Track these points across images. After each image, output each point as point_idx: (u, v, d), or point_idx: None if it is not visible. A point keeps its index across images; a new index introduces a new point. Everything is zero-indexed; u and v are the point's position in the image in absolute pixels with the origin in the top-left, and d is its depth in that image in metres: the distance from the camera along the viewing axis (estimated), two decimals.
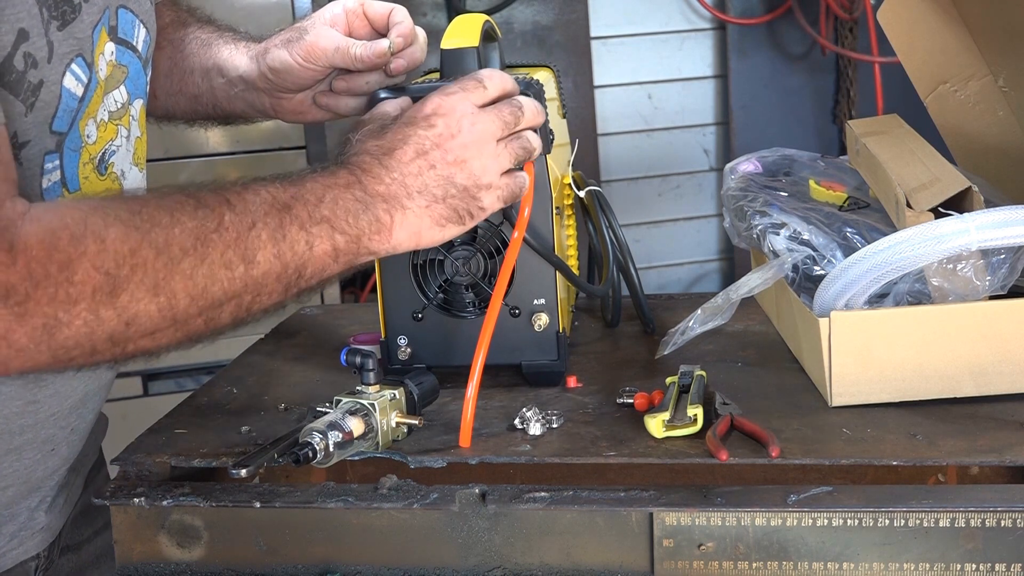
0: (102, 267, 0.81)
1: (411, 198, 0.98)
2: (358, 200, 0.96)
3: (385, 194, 0.97)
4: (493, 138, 1.02)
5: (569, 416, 1.14)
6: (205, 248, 0.86)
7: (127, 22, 1.07)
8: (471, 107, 1.02)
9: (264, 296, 0.91)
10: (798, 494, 0.97)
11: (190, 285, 0.86)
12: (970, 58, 1.50)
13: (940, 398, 1.12)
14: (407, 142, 0.99)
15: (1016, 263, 1.14)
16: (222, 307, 0.89)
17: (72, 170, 1.00)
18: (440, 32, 1.21)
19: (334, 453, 1.00)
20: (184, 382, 2.71)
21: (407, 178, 0.98)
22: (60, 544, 1.18)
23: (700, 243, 3.84)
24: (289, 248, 0.91)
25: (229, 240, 0.88)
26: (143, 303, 0.84)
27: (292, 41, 1.19)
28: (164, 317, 0.85)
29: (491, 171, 1.02)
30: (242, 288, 0.89)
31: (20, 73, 0.89)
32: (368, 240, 0.96)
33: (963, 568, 0.95)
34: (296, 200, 0.92)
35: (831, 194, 1.37)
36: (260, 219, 0.89)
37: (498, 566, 1.00)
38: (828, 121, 3.75)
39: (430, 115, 1.01)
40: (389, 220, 0.97)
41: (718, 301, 1.23)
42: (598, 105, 3.61)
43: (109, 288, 0.82)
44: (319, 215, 0.93)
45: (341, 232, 0.94)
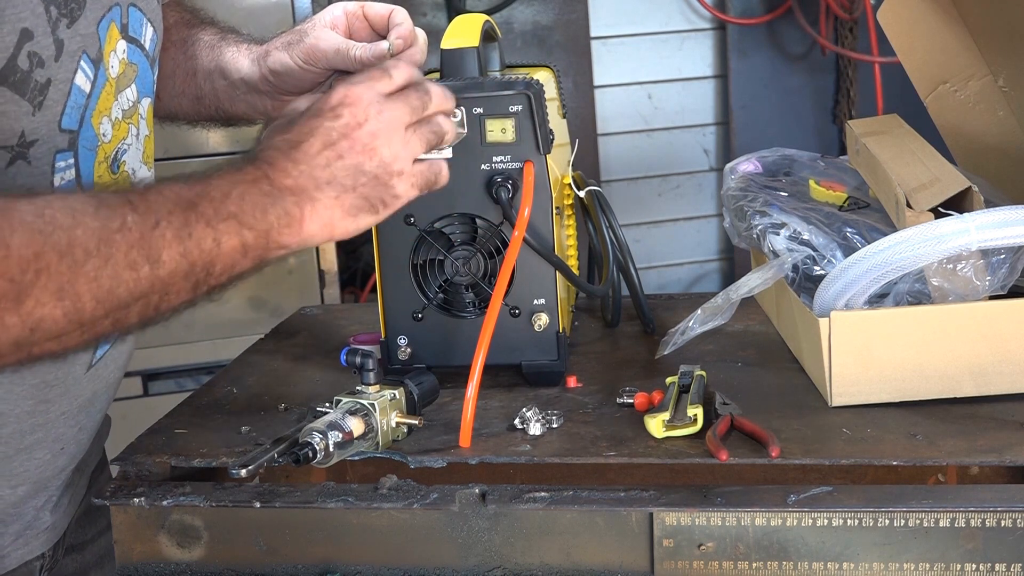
0: (7, 273, 0.80)
1: (320, 190, 0.97)
2: (265, 195, 0.94)
3: (293, 187, 0.96)
4: (401, 125, 1.01)
5: (569, 416, 1.14)
6: (108, 249, 0.84)
7: (136, 21, 1.07)
8: (377, 95, 1.01)
9: (172, 295, 0.90)
10: (798, 494, 0.97)
11: (95, 287, 0.84)
12: (970, 58, 1.50)
13: (940, 398, 1.12)
14: (314, 134, 0.98)
15: (1016, 263, 1.14)
16: (129, 308, 0.87)
17: (88, 169, 1.00)
18: (440, 32, 1.21)
19: (334, 453, 1.00)
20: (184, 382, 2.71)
21: (315, 170, 0.97)
22: (64, 544, 1.18)
23: (700, 243, 3.84)
24: (196, 246, 0.89)
25: (132, 240, 0.86)
26: (48, 307, 0.82)
27: (293, 44, 1.19)
28: (70, 321, 0.84)
29: (402, 158, 1.01)
30: (149, 288, 0.87)
31: (25, 73, 0.89)
32: (278, 234, 0.95)
33: (963, 568, 0.95)
34: (202, 197, 0.91)
35: (831, 194, 1.37)
36: (164, 218, 0.88)
37: (498, 566, 1.00)
38: (828, 121, 3.74)
39: (336, 106, 1.00)
40: (299, 213, 0.96)
41: (718, 301, 1.23)
42: (598, 105, 3.60)
43: (14, 294, 0.80)
44: (226, 211, 0.91)
45: (249, 228, 0.92)
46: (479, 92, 1.17)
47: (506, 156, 1.18)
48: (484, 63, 1.22)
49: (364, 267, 3.30)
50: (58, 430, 1.08)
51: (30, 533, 1.12)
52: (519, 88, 1.16)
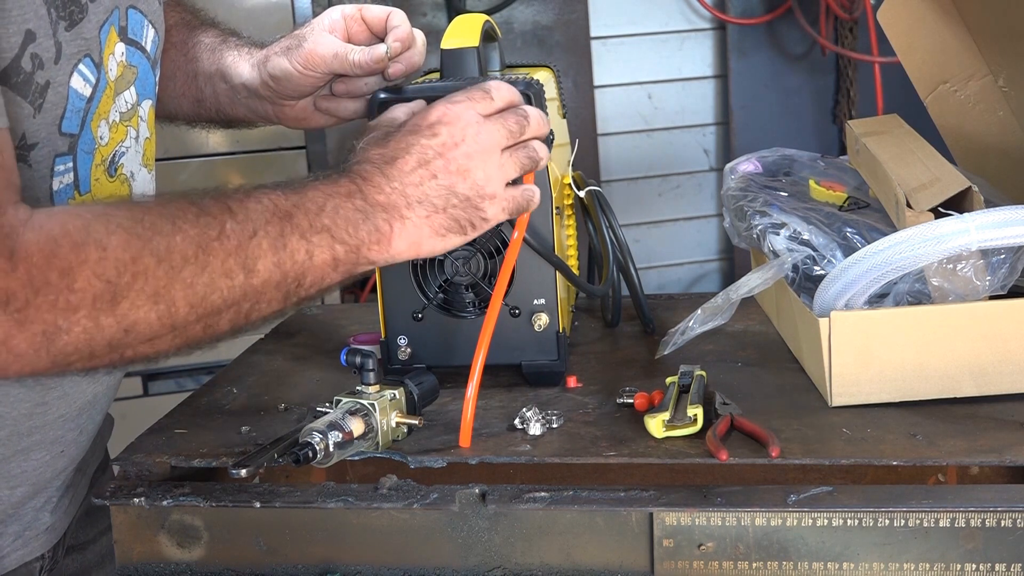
0: (103, 275, 0.81)
1: (411, 208, 0.98)
2: (358, 210, 0.95)
3: (385, 204, 0.97)
4: (498, 148, 1.02)
5: (569, 416, 1.14)
6: (206, 256, 0.86)
7: (136, 23, 1.07)
8: (476, 116, 1.01)
9: (263, 304, 0.91)
10: (798, 494, 0.97)
11: (190, 293, 0.86)
12: (970, 58, 1.50)
13: (940, 398, 1.12)
14: (409, 151, 0.99)
15: (1016, 263, 1.14)
16: (221, 315, 0.89)
17: (85, 172, 1.00)
18: (440, 32, 1.21)
19: (334, 453, 1.00)
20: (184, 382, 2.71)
21: (407, 187, 0.98)
22: (65, 544, 1.18)
23: (700, 243, 3.84)
24: (289, 257, 0.91)
25: (230, 248, 0.87)
26: (143, 311, 0.84)
27: (291, 49, 1.19)
28: (163, 324, 0.85)
29: (495, 181, 1.01)
30: (241, 296, 0.89)
31: (28, 74, 0.89)
32: (367, 250, 0.96)
33: (963, 568, 0.95)
34: (297, 208, 0.92)
35: (831, 194, 1.37)
36: (261, 227, 0.89)
37: (498, 566, 1.00)
38: (828, 121, 3.75)
39: (435, 123, 1.00)
40: (388, 230, 0.97)
41: (718, 301, 1.23)
42: (598, 105, 3.61)
43: (110, 296, 0.82)
44: (320, 224, 0.93)
45: (341, 242, 0.94)
46: None
47: None
48: (484, 63, 1.22)
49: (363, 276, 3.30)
50: (56, 432, 1.08)
51: (29, 534, 1.12)
52: (519, 88, 1.16)
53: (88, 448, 1.17)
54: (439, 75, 1.22)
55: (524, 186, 1.05)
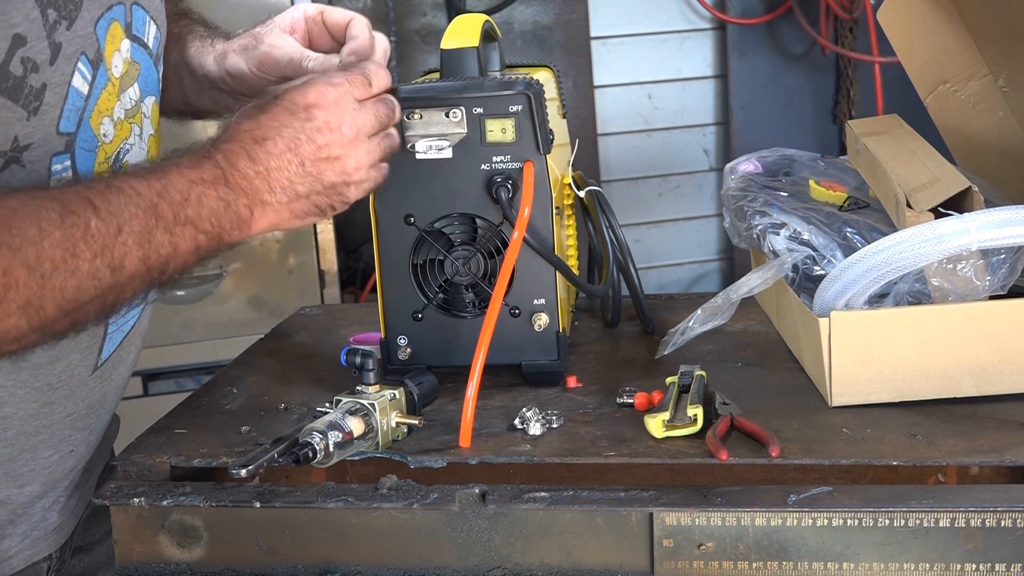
0: None
1: (272, 193, 0.98)
2: (221, 198, 0.95)
3: (247, 188, 0.97)
4: (367, 134, 1.03)
5: (569, 416, 1.14)
6: (75, 260, 0.86)
7: (139, 19, 1.07)
8: (352, 102, 1.02)
9: (128, 294, 0.92)
10: (798, 494, 0.97)
11: (59, 297, 0.86)
12: (970, 58, 1.50)
13: (940, 398, 1.12)
14: (281, 133, 0.98)
15: (1016, 263, 1.14)
16: (87, 309, 0.89)
17: (87, 169, 1.00)
18: (440, 32, 1.21)
19: (334, 453, 1.00)
20: (184, 382, 2.71)
21: (272, 172, 0.98)
22: (72, 545, 1.18)
23: (700, 243, 3.84)
24: (155, 251, 0.91)
25: (96, 249, 0.87)
26: (13, 319, 0.84)
27: (248, 49, 1.18)
28: (32, 327, 0.85)
29: (363, 167, 1.02)
30: (107, 290, 0.89)
31: (18, 79, 0.89)
32: (228, 235, 0.96)
33: (963, 568, 0.95)
34: (161, 198, 0.92)
35: (831, 194, 1.37)
36: (126, 223, 0.89)
37: (498, 566, 1.00)
38: (828, 121, 3.74)
39: (311, 106, 1.00)
40: (249, 215, 0.97)
41: (718, 301, 1.23)
42: (598, 105, 3.60)
43: None
44: (184, 216, 0.93)
45: (203, 232, 0.94)
46: (479, 92, 1.17)
47: (506, 156, 1.18)
48: (484, 63, 1.22)
49: (364, 267, 3.31)
50: (64, 432, 1.08)
51: (37, 534, 1.12)
52: (519, 88, 1.16)
53: (96, 447, 1.17)
54: (439, 75, 1.22)
55: (380, 165, 1.05)
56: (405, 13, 3.33)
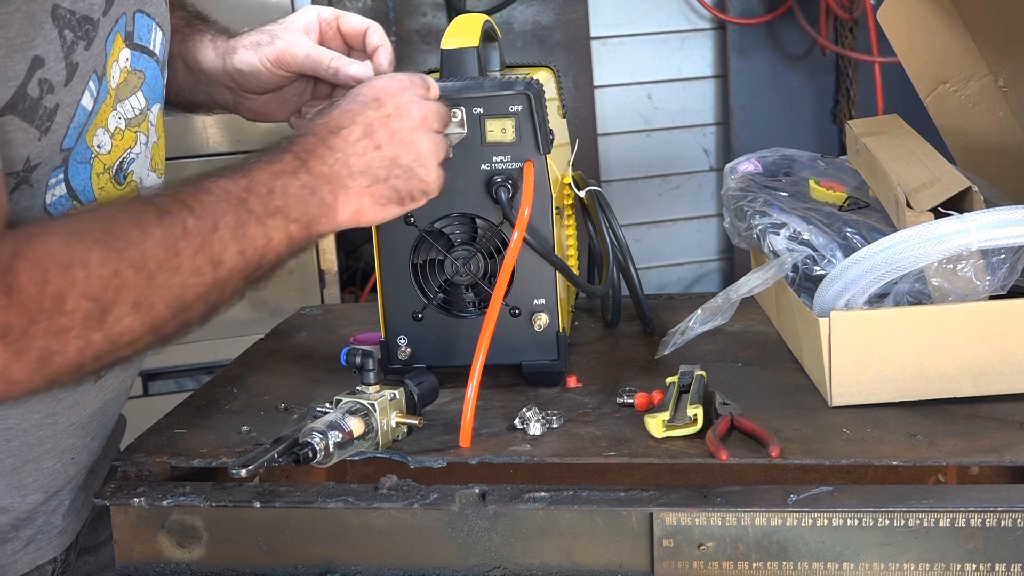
0: (90, 293, 0.82)
1: (353, 177, 1.00)
2: (305, 185, 0.97)
3: (329, 175, 0.99)
4: (434, 126, 1.05)
5: (569, 416, 1.14)
6: (177, 258, 0.88)
7: (143, 26, 1.06)
8: (416, 95, 1.04)
9: (229, 291, 0.93)
10: (798, 494, 0.97)
11: (167, 295, 0.87)
12: (970, 58, 1.50)
13: (940, 398, 1.12)
14: (355, 121, 1.01)
15: (1016, 263, 1.14)
16: (192, 308, 0.91)
17: (82, 182, 0.99)
18: (440, 32, 1.21)
19: (334, 453, 1.00)
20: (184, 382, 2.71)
21: (350, 158, 1.00)
22: (77, 547, 1.18)
23: (700, 243, 3.84)
24: (250, 244, 0.93)
25: (196, 246, 0.89)
26: (127, 320, 0.85)
27: (262, 45, 1.18)
28: (145, 328, 0.87)
29: (436, 155, 1.05)
30: (210, 288, 0.91)
31: (35, 100, 0.89)
32: (316, 224, 0.98)
33: (963, 568, 0.95)
34: (249, 192, 0.94)
35: (831, 194, 1.37)
36: (220, 218, 0.91)
37: (498, 566, 1.00)
38: (828, 121, 3.74)
39: (380, 96, 1.02)
40: (333, 201, 0.99)
41: (718, 301, 1.23)
42: (598, 105, 3.61)
43: (98, 313, 0.83)
44: (273, 206, 0.95)
45: (294, 220, 0.96)
46: (479, 92, 1.17)
47: (506, 156, 1.18)
48: (484, 63, 1.22)
49: (364, 267, 3.31)
50: (68, 441, 1.09)
51: (42, 538, 1.12)
52: (519, 88, 1.16)
53: (99, 452, 1.17)
54: (439, 75, 1.22)
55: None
56: (405, 13, 3.33)
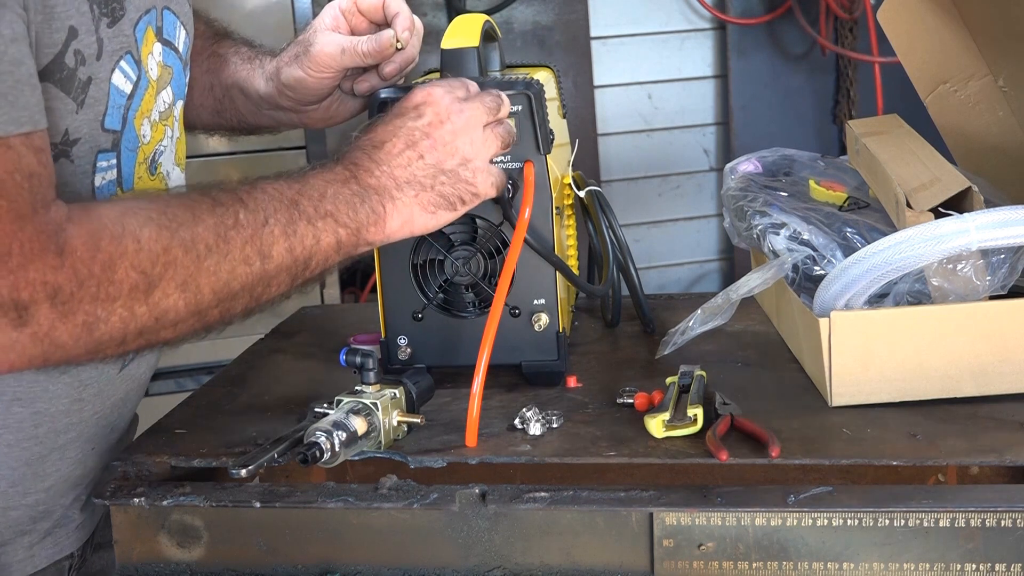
0: (139, 266, 0.85)
1: (400, 189, 1.02)
2: (355, 194, 1.00)
3: (376, 186, 1.01)
4: (480, 123, 1.06)
5: (569, 416, 1.14)
6: (227, 245, 0.90)
7: (170, 23, 1.09)
8: (454, 98, 1.06)
9: (274, 287, 0.96)
10: (798, 494, 0.97)
11: (214, 280, 0.90)
12: (970, 58, 1.50)
13: (940, 398, 1.12)
14: (397, 134, 1.03)
15: (1016, 263, 1.14)
16: (237, 299, 0.93)
17: (129, 169, 1.03)
18: (440, 32, 1.21)
19: (340, 452, 1.00)
20: (184, 382, 2.71)
21: (395, 169, 1.02)
22: (94, 542, 1.19)
23: (700, 243, 3.84)
24: (300, 242, 0.96)
25: (246, 236, 0.92)
26: (172, 298, 0.88)
27: (300, 56, 1.21)
28: (189, 310, 0.89)
29: (482, 155, 1.06)
30: (256, 281, 0.93)
31: (71, 70, 0.92)
32: (366, 231, 1.01)
33: (963, 568, 0.95)
34: (301, 196, 0.97)
35: (831, 194, 1.37)
36: (272, 215, 0.94)
37: (498, 566, 1.00)
38: (828, 121, 3.75)
39: (420, 104, 1.05)
40: (383, 211, 1.01)
41: (718, 301, 1.22)
42: (598, 105, 3.60)
43: (145, 286, 0.85)
44: (324, 210, 0.97)
45: (344, 225, 0.99)
46: None
47: (506, 156, 1.18)
48: (484, 63, 1.22)
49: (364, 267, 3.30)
50: (91, 430, 1.10)
51: (60, 532, 1.13)
52: (519, 88, 1.16)
53: (116, 446, 1.18)
54: (439, 75, 1.22)
55: (503, 163, 1.10)
56: None
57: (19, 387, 1.02)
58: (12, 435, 1.04)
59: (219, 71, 1.27)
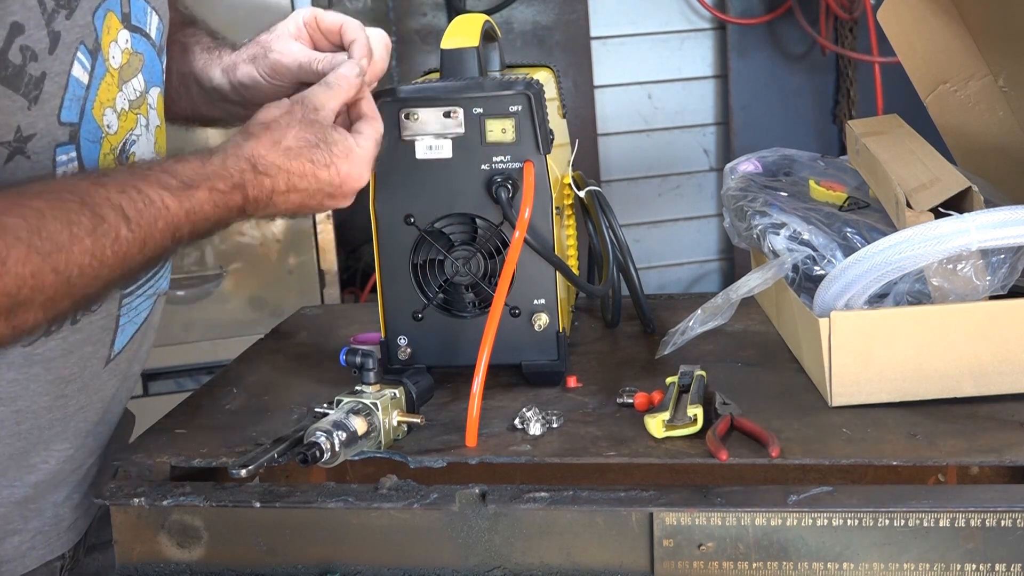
0: (3, 290, 0.82)
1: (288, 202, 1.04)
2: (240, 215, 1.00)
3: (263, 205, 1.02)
4: (315, 144, 1.04)
5: (569, 416, 1.14)
6: (101, 268, 0.89)
7: (139, 9, 1.08)
8: (296, 119, 1.04)
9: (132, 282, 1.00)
10: (798, 494, 0.97)
11: (78, 296, 0.89)
12: (970, 58, 1.50)
13: (940, 398, 1.12)
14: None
15: (1016, 263, 1.14)
16: (99, 300, 0.96)
17: (92, 161, 1.01)
18: (440, 32, 1.21)
19: (340, 453, 1.00)
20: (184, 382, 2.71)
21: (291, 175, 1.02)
22: (86, 544, 1.19)
23: (700, 243, 3.84)
24: (168, 256, 0.97)
25: (121, 254, 0.90)
26: (33, 315, 0.86)
27: (258, 58, 1.19)
28: (48, 321, 0.89)
29: (365, 177, 1.06)
30: (121, 285, 0.97)
31: (18, 67, 0.90)
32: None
33: (963, 568, 0.95)
34: (188, 219, 0.95)
35: (831, 194, 1.37)
36: (152, 238, 0.92)
37: (498, 566, 1.00)
38: (828, 121, 3.74)
39: (265, 120, 1.03)
40: None
41: (718, 301, 1.22)
42: (598, 105, 3.60)
43: (8, 308, 0.83)
44: (204, 230, 0.97)
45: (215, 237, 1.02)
46: (479, 92, 1.17)
47: (506, 156, 1.18)
48: (484, 63, 1.22)
49: (364, 267, 3.31)
50: (78, 425, 1.10)
51: (52, 532, 1.12)
52: (519, 88, 1.16)
53: (107, 442, 1.18)
54: (439, 75, 1.22)
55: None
56: (405, 13, 3.33)
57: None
58: None
59: (180, 59, 1.26)
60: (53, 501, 1.12)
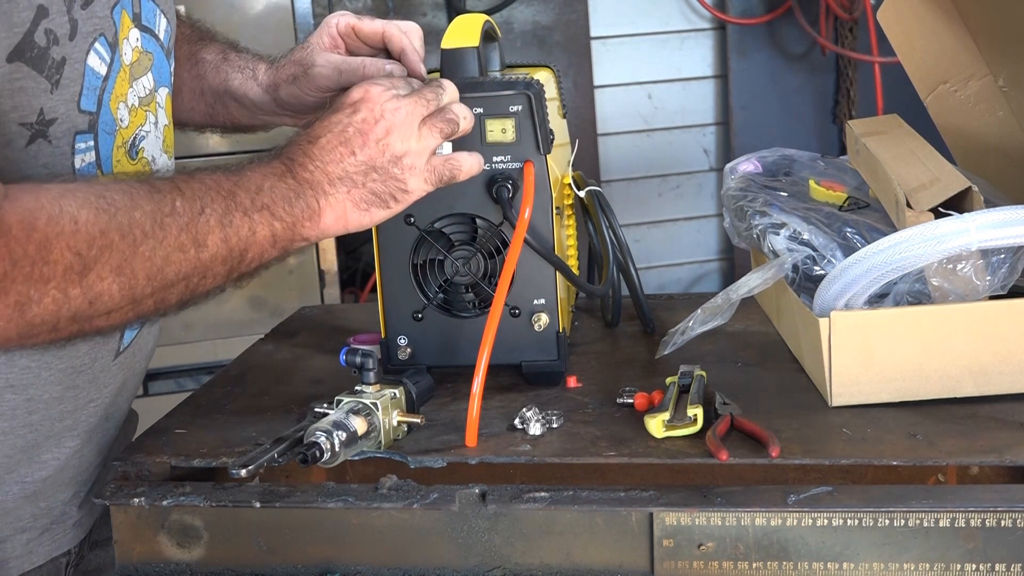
0: (75, 247, 0.84)
1: (332, 184, 1.02)
2: (290, 188, 1.00)
3: (311, 181, 1.01)
4: (416, 120, 1.05)
5: (569, 416, 1.14)
6: (163, 231, 0.90)
7: (149, 11, 1.10)
8: (392, 95, 1.05)
9: (209, 278, 0.95)
10: (798, 494, 0.97)
11: (149, 266, 0.89)
12: (970, 58, 1.50)
13: (940, 398, 1.12)
14: (331, 130, 1.03)
15: (1016, 263, 1.14)
16: (172, 288, 0.93)
17: (107, 152, 1.02)
18: (440, 32, 1.21)
19: (340, 453, 1.00)
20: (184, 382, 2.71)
21: (328, 165, 1.02)
22: (91, 540, 1.19)
23: (700, 243, 3.85)
24: (235, 233, 0.95)
25: (182, 224, 0.91)
26: (107, 282, 0.87)
27: (299, 77, 1.22)
28: (124, 297, 0.89)
29: (414, 153, 1.05)
30: (192, 270, 0.93)
31: (42, 49, 0.92)
32: (301, 227, 1.00)
33: (963, 568, 0.95)
34: (239, 187, 0.96)
35: (831, 194, 1.37)
36: (208, 204, 0.93)
37: (498, 566, 1.00)
38: (828, 121, 3.75)
39: (356, 101, 1.04)
40: (317, 206, 1.01)
41: (718, 301, 1.23)
42: (598, 105, 3.61)
43: (79, 268, 0.84)
44: (260, 202, 0.97)
45: (279, 219, 0.98)
46: (479, 92, 1.17)
47: (506, 156, 1.18)
48: (484, 63, 1.22)
49: (364, 267, 3.31)
50: (87, 419, 1.11)
51: (58, 529, 1.13)
52: (519, 88, 1.16)
53: (114, 438, 1.19)
54: (439, 75, 1.22)
55: (450, 156, 1.08)
56: (405, 13, 3.33)
57: (11, 374, 1.02)
58: (7, 422, 1.04)
59: (208, 76, 1.28)
60: (61, 499, 1.13)
